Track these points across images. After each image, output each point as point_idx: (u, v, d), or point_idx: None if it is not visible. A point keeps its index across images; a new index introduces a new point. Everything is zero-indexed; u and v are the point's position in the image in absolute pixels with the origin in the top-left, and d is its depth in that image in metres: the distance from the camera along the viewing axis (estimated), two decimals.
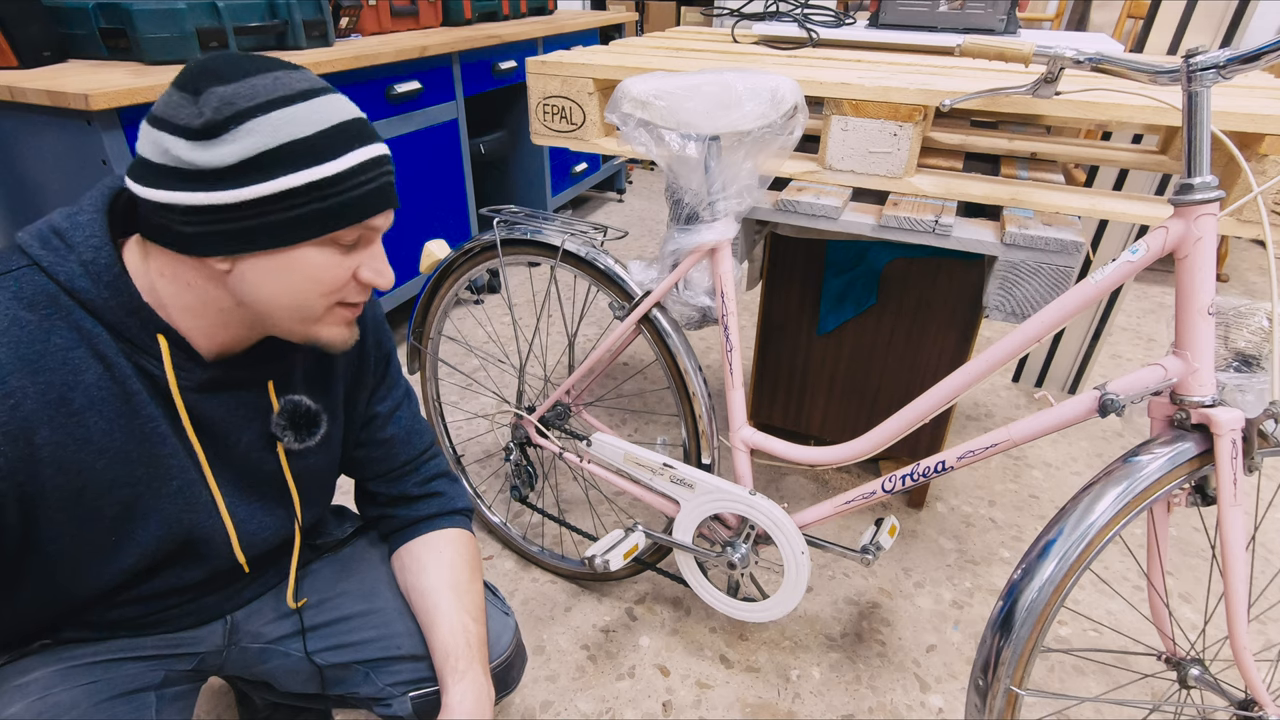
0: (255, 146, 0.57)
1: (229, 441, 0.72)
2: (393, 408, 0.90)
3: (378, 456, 0.90)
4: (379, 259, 0.68)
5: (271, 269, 0.62)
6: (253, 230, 0.59)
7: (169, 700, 0.78)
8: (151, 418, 0.65)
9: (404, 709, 0.85)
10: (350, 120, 0.62)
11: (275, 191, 0.58)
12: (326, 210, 0.61)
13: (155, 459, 0.66)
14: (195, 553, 0.73)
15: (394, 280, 0.69)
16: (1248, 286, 2.84)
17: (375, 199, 0.64)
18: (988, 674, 0.83)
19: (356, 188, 0.62)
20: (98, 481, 0.63)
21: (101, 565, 0.68)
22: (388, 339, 0.88)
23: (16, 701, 0.68)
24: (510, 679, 0.91)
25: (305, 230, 0.61)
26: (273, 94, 0.58)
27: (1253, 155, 0.95)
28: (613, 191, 3.77)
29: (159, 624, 0.78)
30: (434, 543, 0.89)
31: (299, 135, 0.59)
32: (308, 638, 0.87)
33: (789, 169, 1.19)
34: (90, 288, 0.61)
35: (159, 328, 0.64)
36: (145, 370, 0.64)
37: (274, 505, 0.79)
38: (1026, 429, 0.86)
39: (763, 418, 1.75)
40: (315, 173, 0.59)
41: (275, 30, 1.71)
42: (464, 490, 0.97)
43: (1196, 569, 1.51)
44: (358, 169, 0.62)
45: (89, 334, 0.61)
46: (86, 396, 0.61)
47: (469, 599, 0.85)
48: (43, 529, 0.62)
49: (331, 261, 0.64)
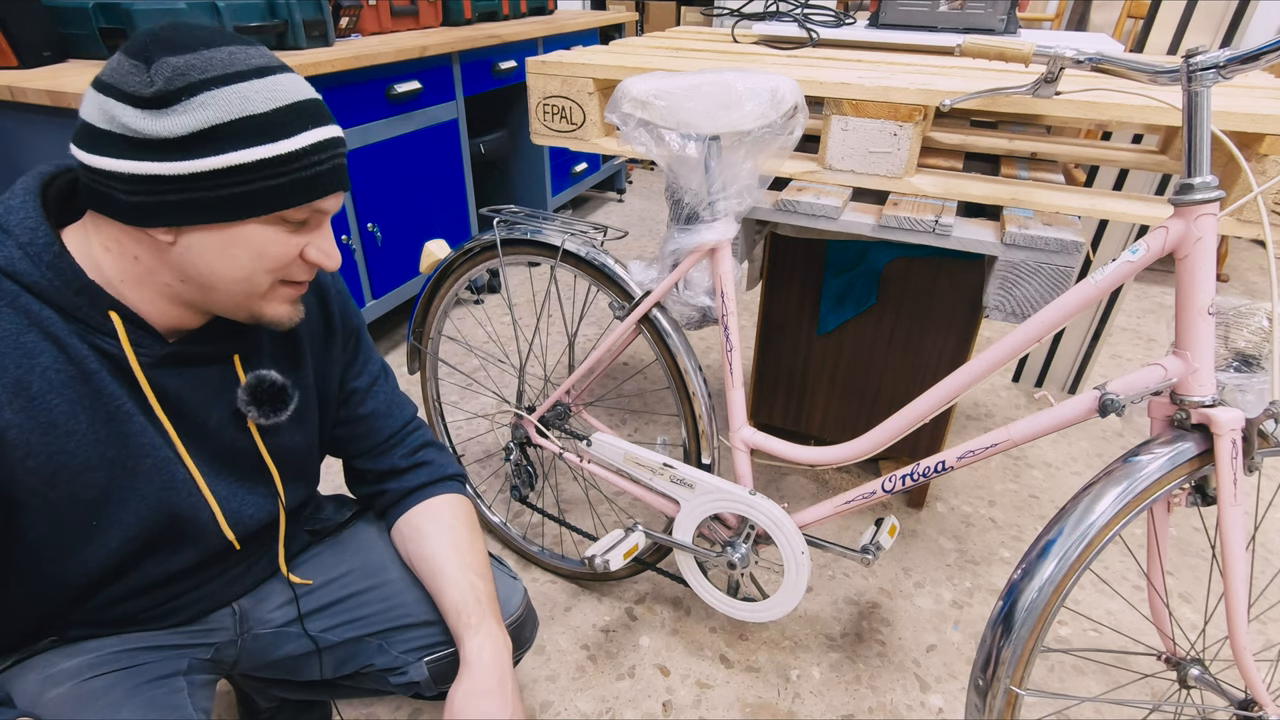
0: (208, 119, 0.57)
1: (199, 418, 0.71)
2: (370, 382, 0.90)
3: (361, 433, 0.90)
4: (326, 239, 0.68)
5: (216, 243, 0.61)
6: (199, 203, 0.59)
7: (198, 686, 0.78)
8: (115, 396, 0.64)
9: (420, 674, 0.86)
10: (305, 100, 0.62)
11: (225, 166, 0.58)
12: (276, 189, 0.60)
13: (124, 438, 0.66)
14: (182, 533, 0.73)
15: (341, 261, 0.69)
16: (1248, 286, 2.84)
17: (326, 180, 0.64)
18: (988, 674, 0.83)
19: (307, 168, 0.62)
20: (70, 465, 0.63)
21: (87, 550, 0.67)
22: (355, 314, 0.88)
23: (51, 689, 0.68)
24: (524, 637, 0.92)
25: (253, 207, 0.60)
26: (228, 68, 0.58)
27: (1253, 155, 0.95)
28: (613, 191, 3.77)
29: (166, 616, 0.78)
30: (431, 509, 0.90)
31: (253, 111, 0.58)
32: (317, 618, 0.87)
33: (789, 169, 1.19)
34: (31, 269, 0.60)
35: (109, 304, 0.63)
36: (102, 350, 0.64)
37: (255, 483, 0.79)
38: (1026, 429, 0.86)
39: (763, 418, 1.75)
40: (267, 150, 0.59)
41: (275, 30, 1.71)
42: (451, 457, 0.97)
43: (1196, 569, 1.51)
44: (310, 149, 0.61)
45: (38, 317, 0.60)
46: (44, 380, 0.60)
47: (472, 557, 0.86)
48: (21, 515, 0.62)
49: (278, 239, 0.63)
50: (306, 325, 0.81)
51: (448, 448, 0.98)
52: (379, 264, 2.06)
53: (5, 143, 1.46)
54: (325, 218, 0.67)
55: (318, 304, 0.83)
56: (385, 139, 1.96)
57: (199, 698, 0.77)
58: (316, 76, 1.67)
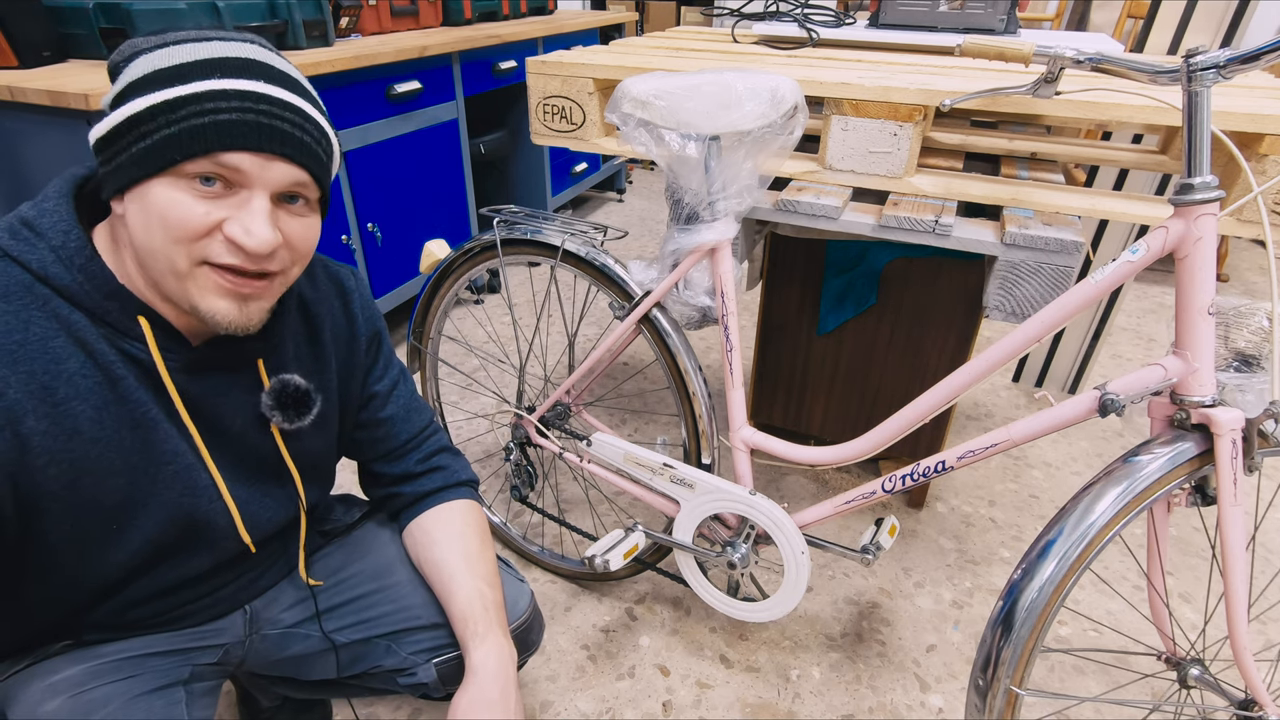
0: (129, 77, 0.57)
1: (224, 423, 0.71)
2: (390, 386, 0.90)
3: (379, 436, 0.90)
4: (252, 215, 0.59)
5: (137, 209, 0.58)
6: (121, 164, 0.58)
7: (198, 695, 0.78)
8: (141, 403, 0.64)
9: (429, 675, 0.86)
10: (230, 56, 0.58)
11: (125, 117, 0.57)
12: (169, 138, 0.56)
13: (149, 445, 0.65)
14: (200, 538, 0.73)
15: (265, 240, 0.59)
16: (1248, 286, 2.84)
17: (234, 132, 0.57)
18: (988, 674, 0.83)
19: (203, 115, 0.56)
20: (93, 471, 0.62)
21: (106, 554, 0.67)
22: (378, 317, 0.88)
23: (49, 700, 0.68)
24: (531, 640, 0.92)
25: (152, 160, 0.56)
26: (168, 40, 0.58)
27: (1253, 155, 0.95)
28: (613, 191, 3.77)
29: (179, 619, 0.78)
30: (442, 515, 0.90)
31: (164, 65, 0.57)
32: (326, 619, 0.87)
33: (789, 169, 1.19)
34: (64, 274, 0.60)
35: (139, 309, 0.62)
36: (130, 355, 0.63)
37: (274, 486, 0.78)
38: (1026, 429, 0.86)
39: (763, 418, 1.75)
40: (158, 96, 0.56)
41: (275, 30, 1.72)
42: (466, 463, 0.97)
43: (1196, 569, 1.51)
44: (207, 95, 0.56)
45: (68, 321, 0.60)
46: (71, 386, 0.60)
47: (481, 566, 0.86)
48: (42, 519, 0.62)
49: (184, 202, 0.57)
50: (332, 328, 0.81)
51: (462, 454, 0.98)
52: (379, 264, 2.06)
53: (5, 143, 1.46)
54: (251, 188, 0.59)
55: (341, 307, 0.82)
56: (385, 139, 1.96)
57: (198, 708, 0.77)
58: (316, 76, 1.67)
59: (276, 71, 0.61)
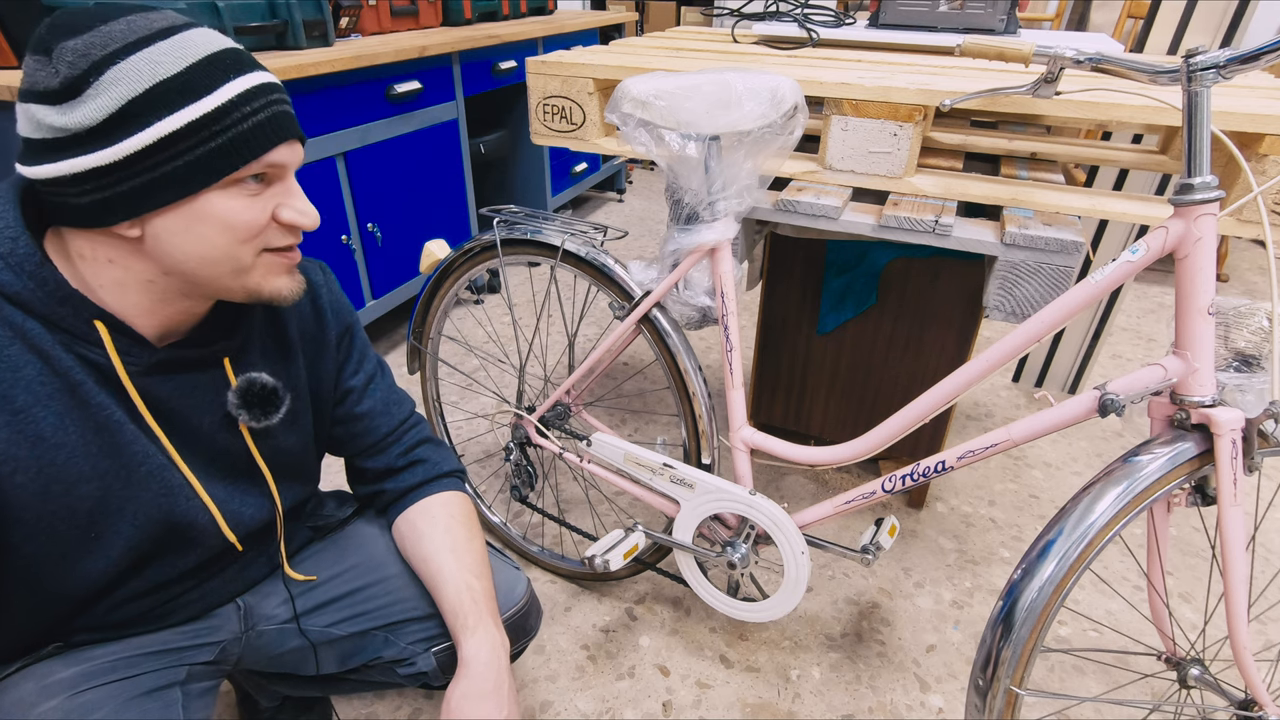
0: (121, 96, 0.54)
1: (191, 423, 0.70)
2: (366, 381, 0.89)
3: (358, 432, 0.90)
4: (297, 197, 0.64)
5: (181, 225, 0.58)
6: (146, 187, 0.56)
7: (194, 697, 0.78)
8: (103, 406, 0.63)
9: (428, 664, 0.86)
10: (220, 51, 0.58)
11: (155, 140, 0.55)
12: (217, 150, 0.57)
13: (117, 448, 0.65)
14: (183, 538, 0.73)
15: (318, 219, 0.65)
16: (1248, 286, 2.84)
17: (269, 130, 0.59)
18: (988, 674, 0.83)
19: (243, 120, 0.58)
20: (61, 478, 0.62)
21: (87, 561, 0.67)
22: (348, 312, 0.87)
23: (44, 700, 0.67)
24: (529, 626, 0.92)
25: (201, 176, 0.57)
26: (128, 38, 0.55)
27: (1253, 155, 0.95)
28: (613, 191, 3.77)
29: (169, 615, 0.78)
30: (428, 509, 0.90)
31: (165, 75, 0.55)
32: (320, 614, 0.87)
33: (789, 169, 1.19)
34: (14, 280, 0.58)
35: (93, 314, 0.61)
36: (88, 360, 0.62)
37: (250, 485, 0.78)
38: (1026, 429, 0.86)
39: (763, 418, 1.75)
40: (191, 111, 0.55)
41: (275, 30, 1.71)
42: (449, 453, 0.96)
43: (1196, 569, 1.51)
44: (239, 100, 0.57)
45: (21, 329, 0.59)
46: (29, 393, 0.59)
47: (469, 558, 0.86)
48: (14, 530, 0.61)
49: (241, 205, 0.60)
50: (299, 325, 0.80)
51: (445, 443, 0.98)
52: (379, 264, 2.06)
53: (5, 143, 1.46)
54: (287, 172, 0.63)
55: (309, 303, 0.82)
56: (385, 139, 1.96)
57: (195, 709, 0.77)
58: (316, 76, 1.67)
59: (245, 53, 0.61)
